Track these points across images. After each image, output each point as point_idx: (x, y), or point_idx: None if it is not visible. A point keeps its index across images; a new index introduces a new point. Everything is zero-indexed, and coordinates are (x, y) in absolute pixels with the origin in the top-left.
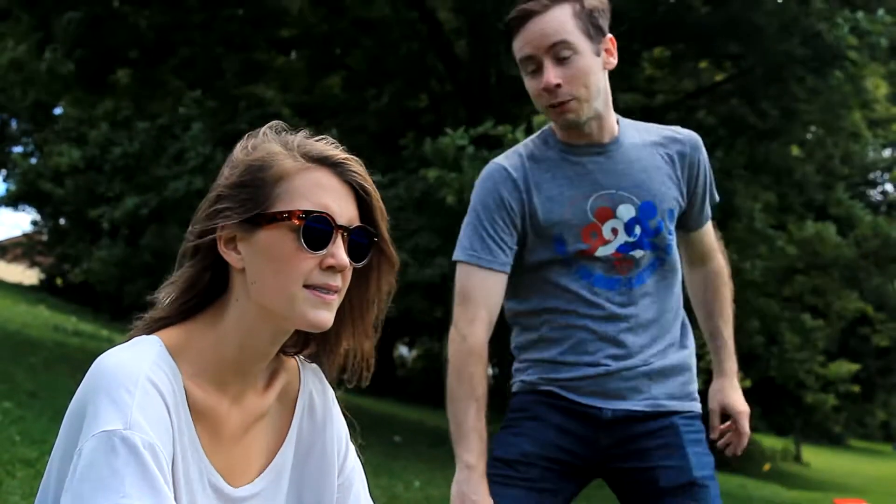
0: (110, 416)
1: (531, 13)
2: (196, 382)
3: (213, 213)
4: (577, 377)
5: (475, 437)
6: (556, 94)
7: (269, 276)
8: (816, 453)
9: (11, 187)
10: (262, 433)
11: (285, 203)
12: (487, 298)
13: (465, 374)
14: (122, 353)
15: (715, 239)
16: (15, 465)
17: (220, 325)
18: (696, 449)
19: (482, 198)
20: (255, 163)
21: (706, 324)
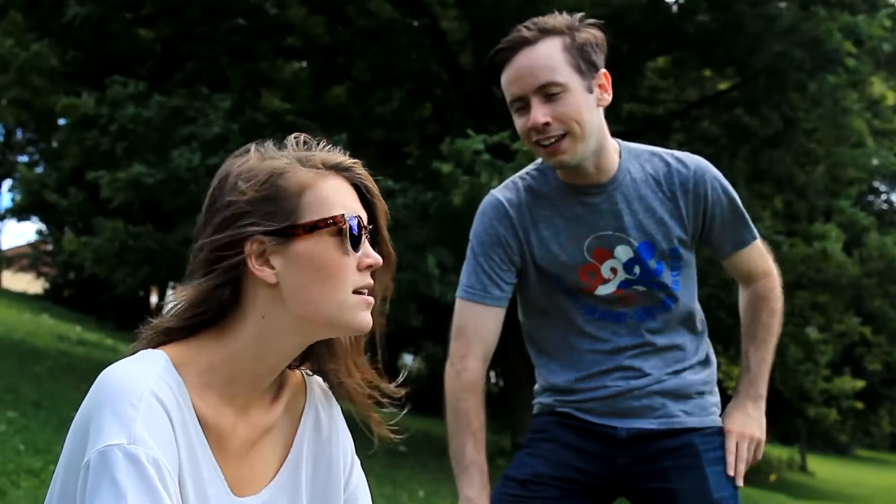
0: (114, 431)
1: (518, 46)
2: (202, 396)
3: (236, 229)
4: (590, 398)
5: (475, 471)
6: (545, 132)
7: (316, 285)
8: (822, 463)
9: (17, 198)
10: (268, 446)
11: (317, 211)
12: (480, 333)
13: (460, 409)
14: (126, 367)
15: (761, 261)
16: (20, 474)
17: (232, 340)
18: (715, 468)
19: (478, 233)
20: (271, 176)
21: (742, 344)
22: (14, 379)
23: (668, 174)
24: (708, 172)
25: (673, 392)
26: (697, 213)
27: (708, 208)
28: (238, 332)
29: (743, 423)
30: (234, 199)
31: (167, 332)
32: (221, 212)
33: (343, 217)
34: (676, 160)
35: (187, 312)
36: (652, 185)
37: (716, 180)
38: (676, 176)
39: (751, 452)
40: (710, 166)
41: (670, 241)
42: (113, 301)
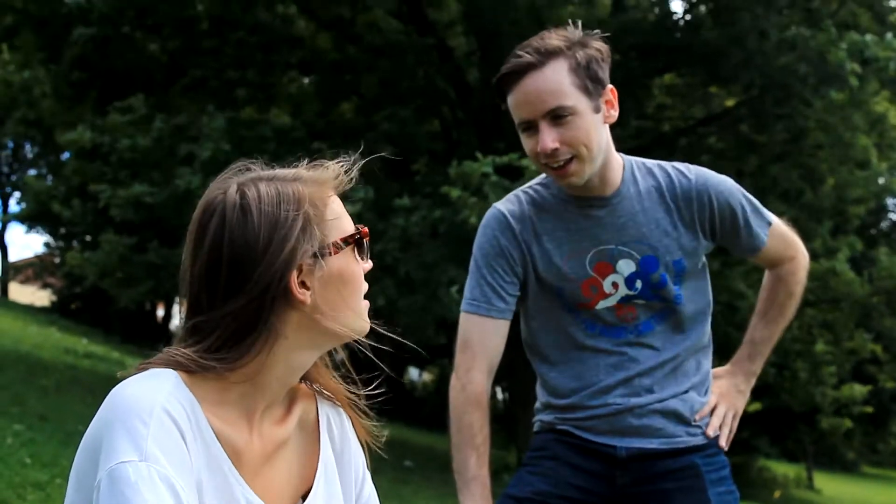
0: (125, 449)
1: (523, 70)
2: (215, 413)
3: (286, 259)
4: (590, 416)
5: (477, 485)
6: (554, 157)
7: (344, 298)
8: (829, 480)
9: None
10: (284, 461)
11: (339, 228)
12: (485, 346)
13: (463, 422)
14: (137, 385)
15: (784, 248)
16: (26, 488)
17: (249, 363)
18: (718, 489)
19: (481, 245)
20: (299, 202)
21: (752, 317)
22: (20, 391)
23: (671, 185)
24: (710, 181)
25: (674, 413)
26: (703, 222)
27: (714, 217)
28: (257, 354)
29: (730, 394)
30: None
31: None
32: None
33: (355, 232)
34: (678, 171)
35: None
36: (655, 198)
37: (720, 187)
38: (679, 187)
39: (734, 423)
40: (712, 175)
41: (675, 252)
42: (119, 314)
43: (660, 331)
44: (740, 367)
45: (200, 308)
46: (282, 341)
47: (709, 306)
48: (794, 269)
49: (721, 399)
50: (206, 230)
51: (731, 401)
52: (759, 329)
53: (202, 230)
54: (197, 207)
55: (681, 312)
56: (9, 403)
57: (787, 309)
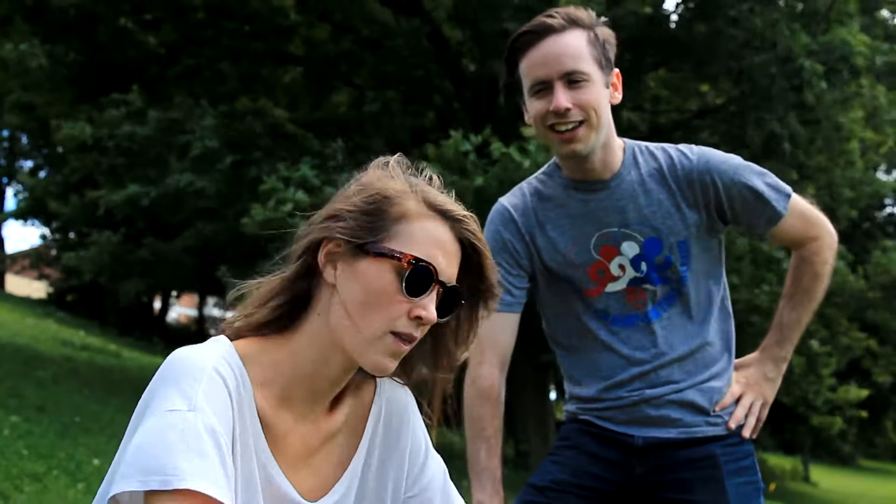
0: (175, 399)
1: (545, 32)
2: (262, 392)
3: (327, 226)
4: (610, 407)
5: (487, 477)
6: (565, 118)
7: (358, 305)
8: (825, 473)
9: (21, 202)
10: (332, 452)
11: (400, 243)
12: (494, 340)
13: (474, 415)
14: (192, 349)
15: (804, 227)
16: (23, 479)
17: (297, 339)
18: (736, 480)
19: (485, 240)
20: (381, 194)
21: (780, 301)
22: (17, 383)
23: (672, 166)
24: (713, 160)
25: (692, 403)
26: (708, 201)
27: (720, 195)
28: (301, 331)
29: (758, 382)
30: (340, 202)
31: (244, 324)
32: (326, 209)
33: (413, 258)
34: (680, 153)
35: (270, 301)
36: (657, 179)
37: (722, 166)
38: (680, 168)
39: (762, 412)
40: (716, 154)
41: (679, 234)
42: (117, 307)
43: (670, 316)
44: (769, 354)
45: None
46: (316, 316)
47: (721, 289)
48: (818, 248)
49: (748, 389)
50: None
51: (759, 390)
52: (787, 313)
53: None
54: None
55: (687, 295)
56: (6, 395)
57: (814, 291)
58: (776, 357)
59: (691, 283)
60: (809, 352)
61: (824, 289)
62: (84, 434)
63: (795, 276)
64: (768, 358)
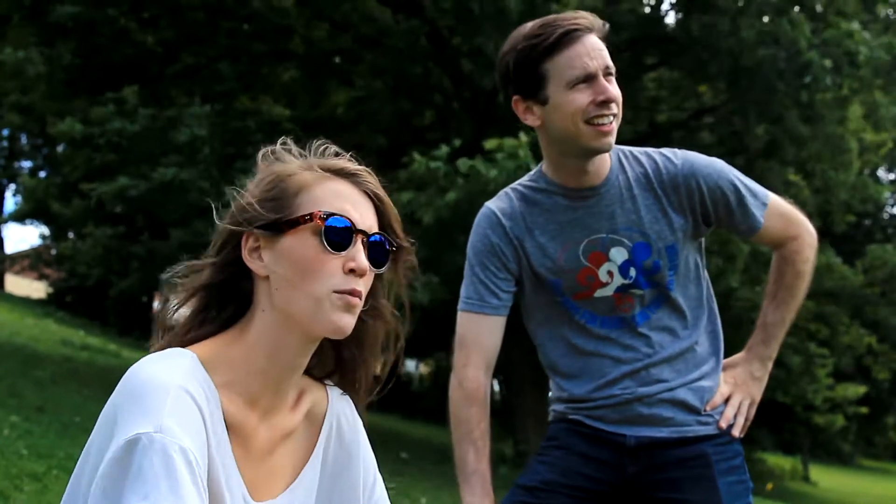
0: (140, 421)
1: (587, 30)
2: (227, 396)
3: (237, 224)
4: (601, 406)
5: (476, 479)
6: (609, 109)
7: (295, 280)
8: (825, 473)
9: (20, 203)
10: (288, 451)
11: (307, 210)
12: (480, 342)
13: (461, 417)
14: (154, 363)
15: (784, 227)
16: (22, 479)
17: (247, 337)
18: (728, 479)
19: (473, 244)
20: (276, 175)
21: (763, 301)
22: (17, 383)
23: (658, 171)
24: (696, 164)
25: (683, 402)
26: (694, 206)
27: (705, 200)
28: (251, 329)
29: (745, 381)
30: (241, 198)
31: (188, 330)
32: (232, 211)
33: (321, 213)
34: (665, 157)
35: (203, 310)
36: (644, 184)
37: (707, 170)
38: (666, 173)
39: (750, 411)
40: (699, 158)
41: (667, 238)
42: (116, 306)
43: (659, 319)
44: (755, 353)
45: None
46: (259, 314)
47: (705, 290)
48: (799, 247)
49: (736, 388)
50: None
51: (746, 389)
52: (771, 312)
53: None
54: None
55: (675, 299)
56: (5, 395)
57: (796, 289)
58: (762, 356)
59: (678, 286)
60: (807, 352)
61: (806, 287)
62: (84, 434)
63: (778, 275)
64: (755, 357)
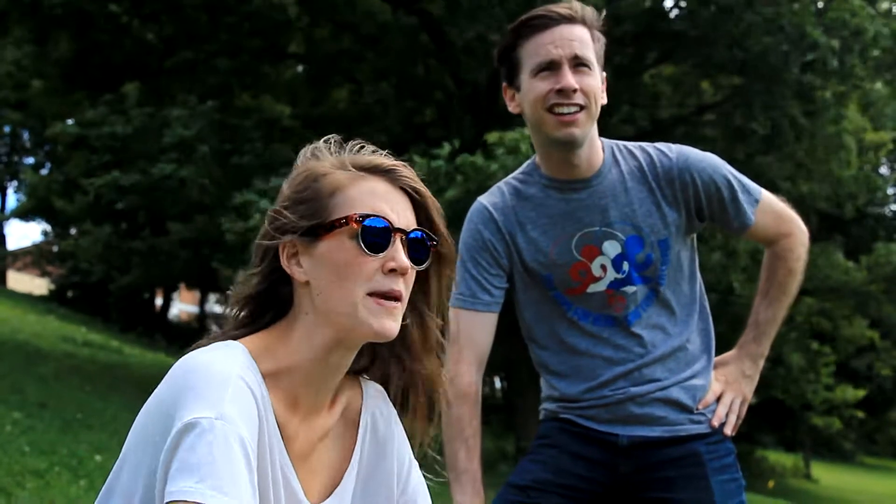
0: (202, 407)
1: (559, 19)
2: (275, 395)
3: (274, 229)
4: (592, 405)
5: (467, 479)
6: (569, 99)
7: (334, 285)
8: (826, 470)
9: (22, 199)
10: (326, 452)
11: (343, 211)
12: (472, 339)
13: (452, 415)
14: (211, 353)
15: (776, 225)
16: (25, 475)
17: (290, 340)
18: (721, 477)
19: (465, 239)
20: (309, 176)
21: (755, 299)
22: (19, 380)
23: (652, 165)
24: (691, 158)
25: (676, 401)
26: (688, 200)
27: (700, 194)
28: (293, 331)
29: (737, 379)
30: (278, 201)
31: (235, 330)
32: (269, 215)
33: (358, 216)
34: (659, 151)
35: (248, 311)
36: (638, 178)
37: (701, 164)
38: (660, 166)
39: (742, 409)
40: (694, 153)
41: (660, 232)
42: (118, 302)
43: (650, 316)
44: (746, 351)
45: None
46: (302, 317)
47: (697, 288)
48: (791, 245)
49: (728, 387)
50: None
51: (738, 387)
52: (762, 310)
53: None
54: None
55: (666, 294)
56: (8, 391)
57: (788, 287)
58: (753, 354)
59: (669, 283)
60: (808, 349)
61: (798, 284)
62: (86, 430)
63: (769, 272)
64: (746, 355)
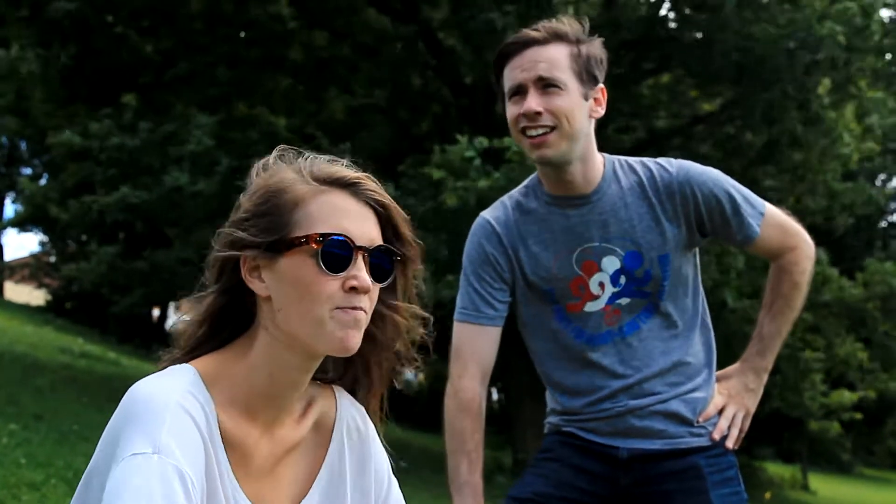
0: (139, 441)
1: (528, 44)
2: (227, 412)
3: (234, 242)
4: (593, 418)
5: (468, 491)
6: (535, 121)
7: (295, 302)
8: (824, 481)
9: (19, 209)
10: (295, 464)
11: (303, 228)
12: (476, 353)
13: (455, 428)
14: (154, 381)
15: (781, 239)
16: (21, 488)
17: (250, 354)
18: (721, 490)
19: (469, 253)
20: (270, 190)
21: (760, 312)
22: (15, 391)
23: (652, 180)
24: (692, 172)
25: (676, 414)
26: (689, 215)
27: (700, 209)
28: (254, 346)
29: (740, 393)
30: (235, 214)
31: (192, 348)
32: (227, 228)
33: (318, 235)
34: (659, 166)
35: (205, 327)
36: (638, 193)
37: (702, 178)
38: (661, 181)
39: (744, 423)
40: (695, 167)
41: (660, 248)
42: (116, 314)
43: (650, 329)
44: (750, 364)
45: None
46: (263, 332)
47: (699, 302)
48: (796, 258)
49: (730, 400)
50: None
51: (741, 401)
52: (767, 323)
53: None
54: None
55: (666, 309)
56: (4, 403)
57: (793, 300)
58: (757, 367)
59: (670, 297)
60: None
61: (803, 298)
62: (83, 442)
63: (774, 286)
64: (749, 369)
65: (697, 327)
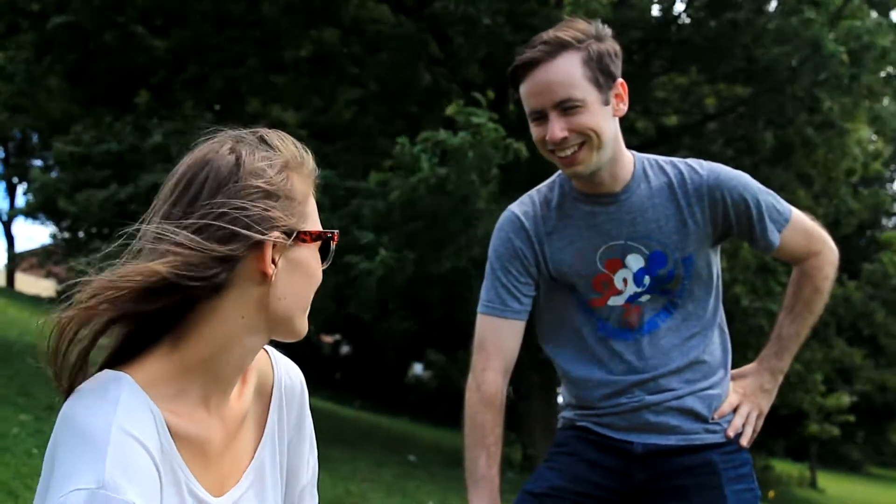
0: (81, 475)
1: (536, 63)
2: (174, 410)
3: (256, 221)
4: (608, 413)
5: (485, 485)
6: (563, 145)
7: (302, 290)
8: (833, 480)
9: (31, 200)
10: (245, 436)
11: (313, 222)
12: (500, 346)
13: (476, 422)
14: (88, 405)
15: (805, 243)
16: (34, 478)
17: (200, 345)
18: (735, 487)
19: (496, 248)
20: (282, 170)
21: (780, 314)
22: (27, 382)
23: (682, 181)
24: (722, 177)
25: (691, 411)
26: (716, 218)
27: (729, 212)
28: (211, 332)
29: (755, 392)
30: (258, 183)
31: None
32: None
33: (328, 233)
34: (690, 168)
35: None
36: (667, 194)
37: (732, 182)
38: (690, 182)
39: (758, 422)
40: (725, 170)
41: (685, 249)
42: None
43: (669, 328)
44: (766, 365)
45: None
46: (237, 317)
47: (718, 303)
48: (819, 264)
49: (745, 399)
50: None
51: (755, 400)
52: (787, 325)
53: (190, 185)
54: (180, 165)
55: (687, 309)
56: (15, 394)
57: (813, 305)
58: (774, 368)
59: (690, 297)
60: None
61: (824, 303)
62: None
63: (796, 289)
64: (766, 369)
65: (715, 327)
